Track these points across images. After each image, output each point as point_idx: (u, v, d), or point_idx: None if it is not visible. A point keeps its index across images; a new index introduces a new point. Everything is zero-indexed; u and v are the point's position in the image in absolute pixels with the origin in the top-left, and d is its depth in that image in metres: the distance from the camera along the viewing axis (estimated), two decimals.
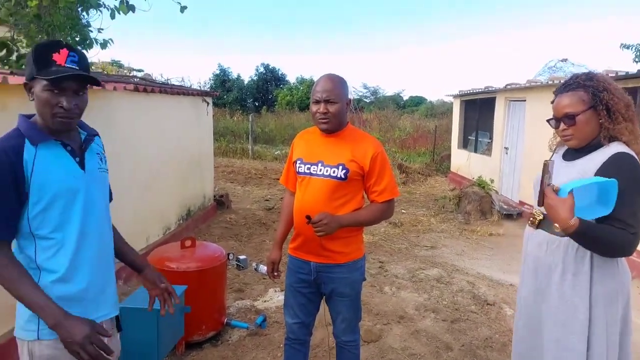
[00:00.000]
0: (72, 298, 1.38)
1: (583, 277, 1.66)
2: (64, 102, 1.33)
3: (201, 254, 3.08)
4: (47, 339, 1.34)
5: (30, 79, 1.35)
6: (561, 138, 1.78)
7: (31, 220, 1.32)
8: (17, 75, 2.75)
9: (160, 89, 5.07)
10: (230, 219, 6.72)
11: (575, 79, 1.72)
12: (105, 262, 1.50)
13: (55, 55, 1.33)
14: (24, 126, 1.36)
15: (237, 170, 11.41)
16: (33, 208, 1.31)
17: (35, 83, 1.34)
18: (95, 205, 1.44)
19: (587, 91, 1.65)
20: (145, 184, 4.71)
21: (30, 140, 1.32)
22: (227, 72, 28.57)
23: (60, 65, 1.33)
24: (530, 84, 7.69)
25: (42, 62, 1.32)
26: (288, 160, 2.26)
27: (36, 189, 1.31)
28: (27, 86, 1.37)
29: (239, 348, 3.10)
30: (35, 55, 1.33)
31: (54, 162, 1.35)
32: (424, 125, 18.82)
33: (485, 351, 3.15)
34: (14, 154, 1.29)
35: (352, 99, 15.67)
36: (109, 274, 1.53)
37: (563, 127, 1.71)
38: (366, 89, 28.57)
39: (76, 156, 1.41)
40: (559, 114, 1.72)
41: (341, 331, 2.21)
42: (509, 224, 7.21)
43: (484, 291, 4.25)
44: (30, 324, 1.34)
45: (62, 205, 1.35)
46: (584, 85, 1.67)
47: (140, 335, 2.45)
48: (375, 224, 2.34)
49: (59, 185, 1.34)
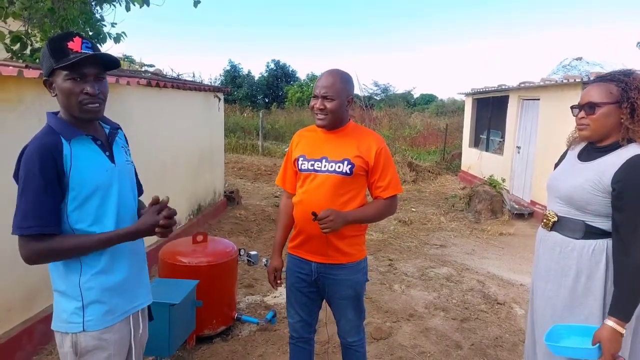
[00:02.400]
0: (113, 289, 1.42)
1: (598, 281, 1.64)
2: (88, 87, 1.34)
3: (213, 249, 3.10)
4: (93, 330, 1.38)
5: (49, 73, 1.35)
6: (577, 126, 1.74)
7: (70, 215, 1.35)
8: (32, 68, 2.78)
9: (173, 84, 5.09)
10: (240, 215, 6.75)
11: (614, 72, 1.70)
12: (139, 254, 1.54)
13: (70, 44, 1.32)
14: (54, 123, 1.37)
15: (246, 167, 11.45)
16: (72, 203, 1.34)
17: (56, 76, 1.34)
18: (127, 197, 1.49)
19: (618, 86, 1.62)
20: (156, 178, 4.74)
21: (63, 136, 1.34)
22: (238, 68, 28.67)
23: (77, 52, 1.32)
24: (544, 82, 7.59)
25: (59, 53, 1.32)
26: (285, 160, 2.21)
27: (75, 184, 1.33)
28: (47, 82, 1.37)
29: (249, 343, 3.12)
30: (51, 48, 1.33)
31: (89, 157, 1.39)
32: (434, 124, 18.70)
33: (495, 350, 3.13)
34: (55, 150, 1.31)
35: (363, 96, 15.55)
36: (143, 264, 1.58)
37: (582, 115, 1.69)
38: (377, 86, 28.44)
39: (106, 150, 1.44)
40: (583, 100, 1.69)
41: (346, 332, 2.19)
42: (519, 223, 7.14)
43: (494, 290, 4.22)
44: (75, 316, 1.38)
45: (98, 199, 1.38)
46: (618, 79, 1.64)
47: (152, 328, 2.47)
48: (379, 221, 2.31)
49: (95, 179, 1.37)
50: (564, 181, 1.75)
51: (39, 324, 2.87)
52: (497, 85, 9.46)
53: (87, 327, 1.38)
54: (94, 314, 1.39)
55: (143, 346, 1.62)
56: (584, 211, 1.67)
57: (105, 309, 1.41)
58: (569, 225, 1.71)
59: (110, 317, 1.42)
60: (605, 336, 1.54)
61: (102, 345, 1.40)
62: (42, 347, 2.90)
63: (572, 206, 1.70)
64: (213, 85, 7.88)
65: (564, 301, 1.71)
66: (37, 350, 2.86)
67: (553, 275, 1.75)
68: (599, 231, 1.65)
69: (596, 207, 1.63)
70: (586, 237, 1.67)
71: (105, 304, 1.40)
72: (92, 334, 1.38)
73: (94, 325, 1.38)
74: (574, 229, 1.70)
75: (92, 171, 1.37)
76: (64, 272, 1.38)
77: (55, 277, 1.41)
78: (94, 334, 1.38)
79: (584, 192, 1.64)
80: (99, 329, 1.39)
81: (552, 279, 1.75)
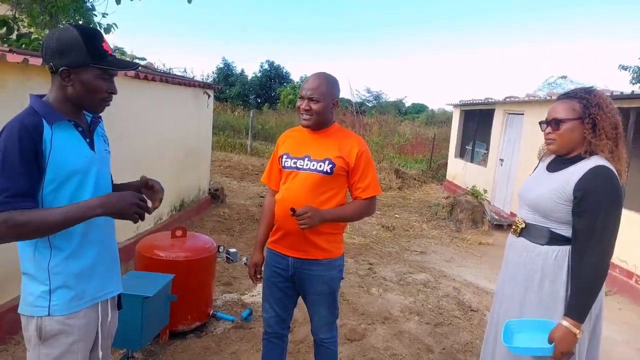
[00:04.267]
0: (82, 274, 1.43)
1: (560, 286, 1.72)
2: (114, 88, 1.46)
3: (191, 245, 3.10)
4: (58, 314, 1.38)
5: (77, 65, 1.37)
6: (544, 141, 1.85)
7: (45, 197, 1.36)
8: (16, 53, 2.76)
9: (162, 77, 5.08)
10: (223, 213, 6.74)
11: (577, 90, 1.81)
12: (110, 241, 1.56)
13: (105, 45, 1.41)
14: (38, 105, 1.38)
15: (234, 165, 11.42)
16: (48, 185, 1.35)
17: (84, 72, 1.38)
18: (103, 185, 1.50)
19: (580, 103, 1.73)
20: (139, 171, 4.70)
21: (46, 119, 1.36)
22: (231, 67, 28.59)
23: (111, 55, 1.42)
24: (529, 98, 7.75)
25: (97, 53, 1.39)
26: (272, 158, 2.27)
27: (53, 167, 1.35)
28: (65, 72, 1.37)
29: (223, 340, 3.13)
30: (88, 45, 1.37)
31: (69, 142, 1.40)
32: (423, 133, 18.89)
33: (465, 355, 3.19)
34: (35, 131, 1.32)
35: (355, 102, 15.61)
36: (115, 253, 1.59)
37: (548, 130, 1.79)
38: (369, 93, 28.64)
39: (86, 137, 1.47)
40: (549, 117, 1.80)
41: (318, 329, 2.23)
42: (498, 234, 7.27)
43: (468, 297, 4.29)
44: (42, 299, 1.38)
45: (75, 184, 1.39)
46: (580, 96, 1.75)
47: (123, 320, 2.46)
48: (357, 221, 2.37)
49: (73, 164, 1.39)
50: (532, 190, 1.85)
51: (8, 312, 2.84)
52: (484, 98, 9.62)
53: (53, 311, 1.38)
54: (60, 299, 1.39)
55: (111, 335, 1.63)
56: (548, 218, 1.76)
57: (72, 294, 1.41)
58: (535, 232, 1.80)
59: (77, 302, 1.42)
60: (558, 335, 1.62)
61: (67, 330, 1.40)
62: (10, 336, 2.86)
63: (538, 213, 1.79)
64: (203, 81, 7.86)
65: (530, 304, 1.79)
66: (5, 340, 2.83)
67: (520, 279, 1.83)
68: (563, 238, 1.74)
69: (560, 214, 1.72)
70: (550, 243, 1.75)
71: (73, 289, 1.41)
72: (57, 319, 1.39)
73: (60, 310, 1.39)
74: (540, 235, 1.78)
75: (71, 156, 1.39)
76: (33, 254, 1.38)
77: (24, 260, 1.41)
78: (59, 319, 1.39)
79: (549, 200, 1.73)
80: (64, 314, 1.39)
81: (520, 282, 1.83)
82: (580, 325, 1.61)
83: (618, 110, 1.76)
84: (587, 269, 1.63)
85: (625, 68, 9.83)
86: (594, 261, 1.62)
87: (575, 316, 1.62)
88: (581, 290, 1.64)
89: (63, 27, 1.39)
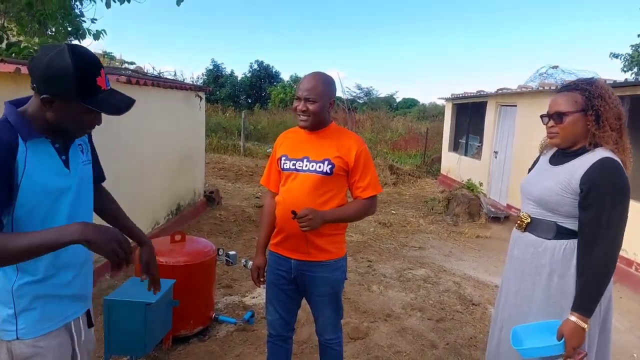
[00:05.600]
0: (49, 296, 1.34)
1: (569, 280, 1.71)
2: (100, 121, 1.36)
3: (191, 249, 3.08)
4: (27, 338, 1.31)
5: (62, 99, 1.25)
6: (547, 135, 1.83)
7: (15, 221, 1.27)
8: (8, 62, 2.72)
9: (153, 82, 5.04)
10: (220, 216, 6.71)
11: (578, 81, 1.78)
12: (86, 264, 1.47)
13: (99, 80, 1.28)
14: (14, 119, 1.27)
15: (227, 167, 11.38)
16: (19, 209, 1.26)
17: (69, 104, 1.26)
18: (81, 206, 1.41)
19: (583, 94, 1.71)
20: (135, 177, 4.68)
21: (21, 135, 1.25)
22: (221, 68, 28.46)
23: (104, 90, 1.30)
24: (521, 89, 7.79)
25: (87, 89, 1.26)
26: (270, 160, 2.25)
27: (25, 189, 1.25)
28: (48, 99, 1.25)
29: (226, 343, 3.11)
30: (79, 80, 1.24)
31: (43, 162, 1.30)
32: (415, 128, 18.95)
33: (469, 350, 3.20)
34: (9, 148, 1.21)
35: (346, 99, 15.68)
36: (90, 272, 1.51)
37: (551, 124, 1.77)
38: (360, 89, 28.65)
39: (62, 154, 1.36)
40: (551, 110, 1.77)
41: (323, 330, 2.22)
42: (496, 226, 7.30)
43: (469, 292, 4.30)
44: (8, 324, 1.30)
45: (47, 207, 1.30)
46: (582, 88, 1.72)
47: (128, 327, 2.46)
48: (358, 220, 2.35)
49: (46, 187, 1.29)
50: (537, 184, 1.83)
51: None
52: (476, 92, 9.66)
53: (21, 334, 1.30)
54: (27, 322, 1.31)
55: (89, 352, 1.56)
56: (555, 212, 1.74)
57: (39, 316, 1.33)
58: (542, 226, 1.78)
59: (47, 324, 1.34)
60: (567, 331, 1.60)
61: (39, 352, 1.32)
62: None
63: (544, 208, 1.77)
64: (195, 84, 7.81)
65: (538, 300, 1.78)
66: None
67: (527, 274, 1.81)
68: (570, 231, 1.72)
69: (566, 208, 1.70)
70: (558, 237, 1.74)
71: (39, 310, 1.33)
72: (27, 342, 1.31)
73: (28, 333, 1.31)
74: (546, 229, 1.77)
75: (44, 178, 1.29)
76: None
77: None
78: (28, 342, 1.31)
79: (555, 194, 1.72)
80: (33, 337, 1.31)
81: (527, 278, 1.81)
82: (587, 320, 1.60)
83: (620, 101, 1.75)
84: (594, 263, 1.61)
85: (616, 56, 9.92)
86: (600, 255, 1.61)
87: (583, 311, 1.60)
88: (588, 285, 1.62)
89: (58, 51, 1.24)
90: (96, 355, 2.91)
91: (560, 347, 1.62)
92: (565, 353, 1.61)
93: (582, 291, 1.64)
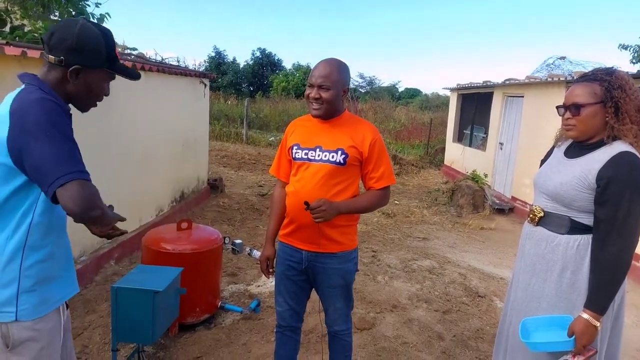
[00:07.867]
0: (50, 277, 1.36)
1: (582, 276, 1.67)
2: (109, 91, 1.46)
3: (197, 237, 3.06)
4: (26, 319, 1.30)
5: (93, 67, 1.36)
6: (563, 127, 1.76)
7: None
8: (14, 46, 2.67)
9: (158, 68, 4.97)
10: (223, 203, 6.69)
11: (596, 71, 1.71)
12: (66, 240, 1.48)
13: (117, 51, 1.43)
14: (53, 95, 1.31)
15: (230, 155, 11.33)
16: None
17: (95, 72, 1.37)
18: None
19: (602, 85, 1.64)
20: (139, 164, 4.64)
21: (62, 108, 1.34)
22: (223, 55, 28.27)
23: (119, 60, 1.44)
24: (529, 80, 7.70)
25: (112, 57, 1.40)
26: (280, 149, 2.18)
27: None
28: (74, 71, 1.32)
29: (233, 331, 3.10)
30: (108, 48, 1.37)
31: None
32: (418, 118, 18.84)
33: (476, 342, 3.19)
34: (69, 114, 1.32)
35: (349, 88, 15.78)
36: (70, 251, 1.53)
37: (567, 116, 1.70)
38: (362, 78, 28.50)
39: None
40: (567, 101, 1.71)
41: (333, 321, 2.19)
42: (500, 218, 7.28)
43: (475, 283, 4.29)
44: (7, 305, 1.29)
45: None
46: (601, 79, 1.65)
47: (135, 315, 2.43)
48: (371, 211, 2.31)
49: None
50: (551, 178, 1.77)
51: None
52: (482, 82, 9.56)
53: (20, 316, 1.29)
54: (27, 303, 1.31)
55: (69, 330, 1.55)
56: (570, 207, 1.69)
57: (40, 298, 1.33)
58: (555, 221, 1.74)
59: (44, 306, 1.35)
60: (579, 328, 1.57)
61: (35, 336, 1.33)
62: None
63: (558, 202, 1.72)
64: (198, 70, 7.73)
65: (548, 295, 1.74)
66: None
67: (539, 269, 1.77)
68: (584, 227, 1.67)
69: (582, 203, 1.65)
70: (571, 232, 1.69)
71: (40, 292, 1.33)
72: (25, 324, 1.31)
73: (28, 315, 1.30)
74: (560, 224, 1.72)
75: None
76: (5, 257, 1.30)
77: None
78: (27, 324, 1.31)
79: (571, 188, 1.66)
80: (32, 319, 1.31)
81: (538, 273, 1.77)
82: (600, 318, 1.57)
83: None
84: (609, 260, 1.57)
85: (625, 47, 9.75)
86: (616, 252, 1.56)
87: (596, 309, 1.57)
88: (602, 282, 1.59)
89: (83, 23, 1.34)
90: (102, 342, 2.91)
91: (570, 343, 1.59)
92: (574, 350, 1.59)
93: (595, 289, 1.60)
